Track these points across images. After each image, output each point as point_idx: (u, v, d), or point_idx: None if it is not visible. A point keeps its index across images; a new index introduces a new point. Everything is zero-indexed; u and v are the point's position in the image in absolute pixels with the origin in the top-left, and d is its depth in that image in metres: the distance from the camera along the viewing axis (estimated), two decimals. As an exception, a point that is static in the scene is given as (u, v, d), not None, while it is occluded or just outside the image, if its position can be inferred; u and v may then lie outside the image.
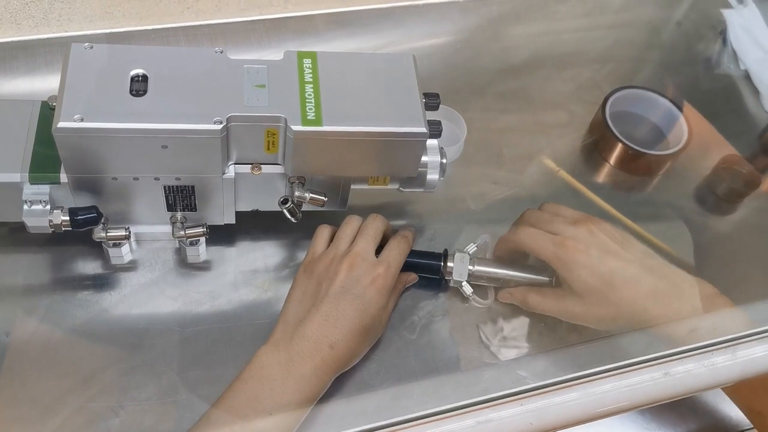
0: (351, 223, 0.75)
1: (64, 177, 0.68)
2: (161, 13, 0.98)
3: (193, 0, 0.98)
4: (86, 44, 0.68)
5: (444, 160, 0.77)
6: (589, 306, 0.69)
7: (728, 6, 1.16)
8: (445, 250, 0.78)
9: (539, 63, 1.06)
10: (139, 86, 0.66)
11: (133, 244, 0.77)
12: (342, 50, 0.71)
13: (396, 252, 0.73)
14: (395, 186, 0.79)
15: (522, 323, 0.79)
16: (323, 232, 0.75)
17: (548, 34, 1.10)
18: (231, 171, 0.71)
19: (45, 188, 0.68)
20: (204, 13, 1.00)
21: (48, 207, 0.67)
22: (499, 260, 0.79)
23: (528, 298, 0.75)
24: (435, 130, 0.71)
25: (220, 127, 0.65)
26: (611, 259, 0.69)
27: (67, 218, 0.68)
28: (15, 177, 0.67)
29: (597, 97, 0.98)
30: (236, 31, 1.01)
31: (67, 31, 0.95)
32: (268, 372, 0.63)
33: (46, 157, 0.68)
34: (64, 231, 0.68)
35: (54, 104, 0.70)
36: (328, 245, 0.74)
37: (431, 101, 0.73)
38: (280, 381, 0.62)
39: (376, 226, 0.74)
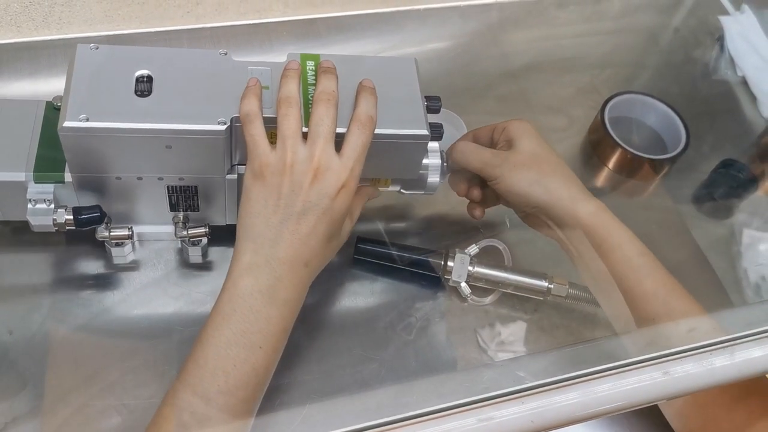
0: (291, 114, 0.64)
1: (68, 176, 0.68)
2: (161, 17, 0.98)
3: (193, 4, 0.98)
4: (92, 45, 0.68)
5: (445, 163, 0.78)
6: (503, 161, 0.74)
7: (726, 13, 1.16)
8: (446, 250, 0.79)
9: (538, 67, 1.06)
10: (143, 87, 0.66)
11: (136, 244, 0.77)
12: (343, 54, 0.71)
13: (360, 149, 0.65)
14: (396, 188, 0.79)
15: (519, 328, 0.79)
16: (257, 125, 0.64)
17: (547, 40, 1.11)
18: (234, 172, 0.71)
19: (49, 187, 0.68)
20: (204, 16, 1.00)
21: (52, 206, 0.68)
22: (501, 267, 0.79)
23: (457, 145, 0.78)
24: (436, 132, 0.72)
25: (224, 127, 0.65)
26: (545, 141, 0.77)
27: (71, 217, 0.68)
28: (20, 176, 0.67)
29: (596, 101, 0.99)
30: (238, 34, 1.02)
31: (66, 34, 0.96)
32: (250, 303, 0.61)
33: (50, 156, 0.68)
34: (68, 230, 0.69)
35: (58, 104, 0.71)
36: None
37: (433, 104, 0.73)
38: (265, 311, 0.61)
39: (329, 119, 0.64)
